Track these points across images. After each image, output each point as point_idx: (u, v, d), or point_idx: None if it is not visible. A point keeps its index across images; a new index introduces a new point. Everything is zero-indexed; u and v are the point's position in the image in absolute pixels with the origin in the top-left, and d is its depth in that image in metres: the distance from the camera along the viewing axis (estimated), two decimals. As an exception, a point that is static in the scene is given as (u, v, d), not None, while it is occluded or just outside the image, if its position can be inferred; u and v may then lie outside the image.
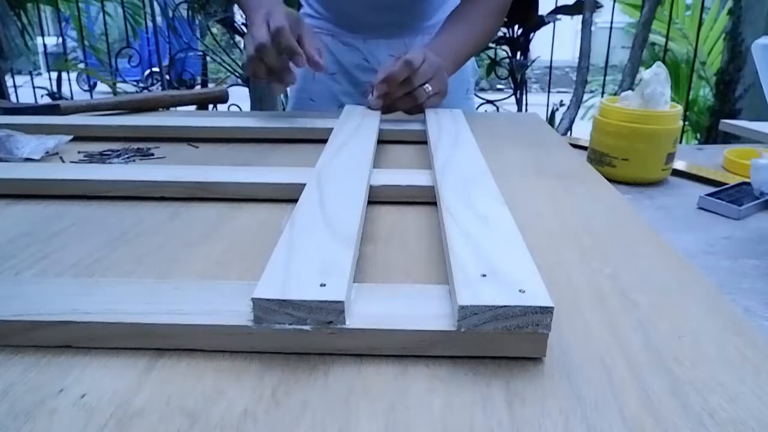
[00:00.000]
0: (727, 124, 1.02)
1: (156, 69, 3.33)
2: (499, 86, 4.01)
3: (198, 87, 3.22)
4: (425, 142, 0.67)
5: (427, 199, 0.52)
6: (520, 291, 0.30)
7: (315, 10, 1.04)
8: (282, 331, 0.30)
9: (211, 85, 3.33)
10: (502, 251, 0.35)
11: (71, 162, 0.65)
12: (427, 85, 0.78)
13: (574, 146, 0.98)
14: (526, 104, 2.86)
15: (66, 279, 0.38)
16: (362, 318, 0.31)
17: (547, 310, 0.29)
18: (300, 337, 0.30)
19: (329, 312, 0.30)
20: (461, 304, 0.29)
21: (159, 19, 3.46)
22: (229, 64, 3.12)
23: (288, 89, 0.86)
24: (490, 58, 2.84)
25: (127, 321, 0.30)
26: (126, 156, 0.67)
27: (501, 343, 0.30)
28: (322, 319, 0.30)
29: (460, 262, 0.34)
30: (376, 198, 0.52)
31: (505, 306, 0.29)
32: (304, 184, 0.48)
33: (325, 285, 0.31)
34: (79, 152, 0.69)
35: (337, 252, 0.35)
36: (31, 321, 0.31)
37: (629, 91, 0.84)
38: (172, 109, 0.97)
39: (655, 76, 0.79)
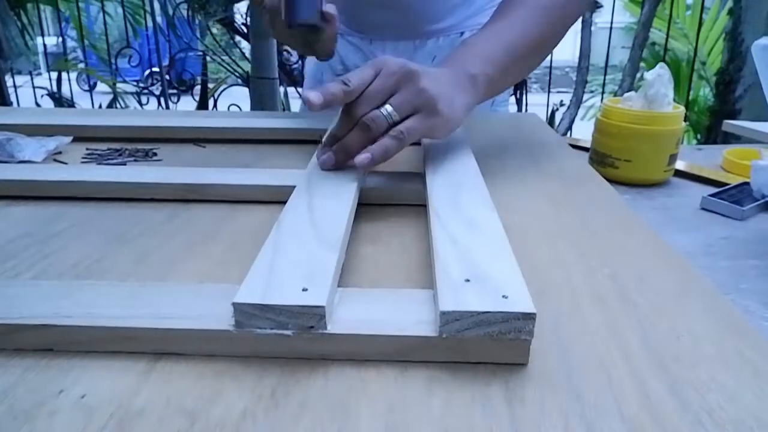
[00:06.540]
0: (730, 124, 1.02)
1: (156, 69, 3.32)
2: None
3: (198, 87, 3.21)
4: (419, 144, 0.67)
5: (419, 201, 0.51)
6: (503, 297, 0.30)
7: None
8: (263, 336, 0.30)
9: (211, 85, 3.31)
10: (488, 256, 0.35)
11: (71, 164, 0.65)
12: (387, 105, 0.50)
13: (575, 147, 0.98)
14: (526, 104, 2.86)
15: (50, 281, 0.37)
16: (344, 323, 0.30)
17: (529, 317, 0.29)
18: (281, 342, 0.30)
19: (310, 317, 0.29)
20: (443, 310, 0.29)
21: (159, 18, 3.46)
22: (229, 64, 3.12)
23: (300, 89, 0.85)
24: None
25: (107, 325, 0.30)
26: (127, 156, 0.67)
27: (483, 349, 0.30)
28: (304, 324, 0.29)
29: (445, 266, 0.34)
30: (368, 200, 0.51)
31: (487, 312, 0.29)
32: None
33: (307, 290, 0.30)
34: (80, 154, 0.69)
35: (321, 256, 0.35)
36: (11, 324, 0.30)
37: (632, 92, 0.83)
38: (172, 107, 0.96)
39: (658, 78, 0.79)
